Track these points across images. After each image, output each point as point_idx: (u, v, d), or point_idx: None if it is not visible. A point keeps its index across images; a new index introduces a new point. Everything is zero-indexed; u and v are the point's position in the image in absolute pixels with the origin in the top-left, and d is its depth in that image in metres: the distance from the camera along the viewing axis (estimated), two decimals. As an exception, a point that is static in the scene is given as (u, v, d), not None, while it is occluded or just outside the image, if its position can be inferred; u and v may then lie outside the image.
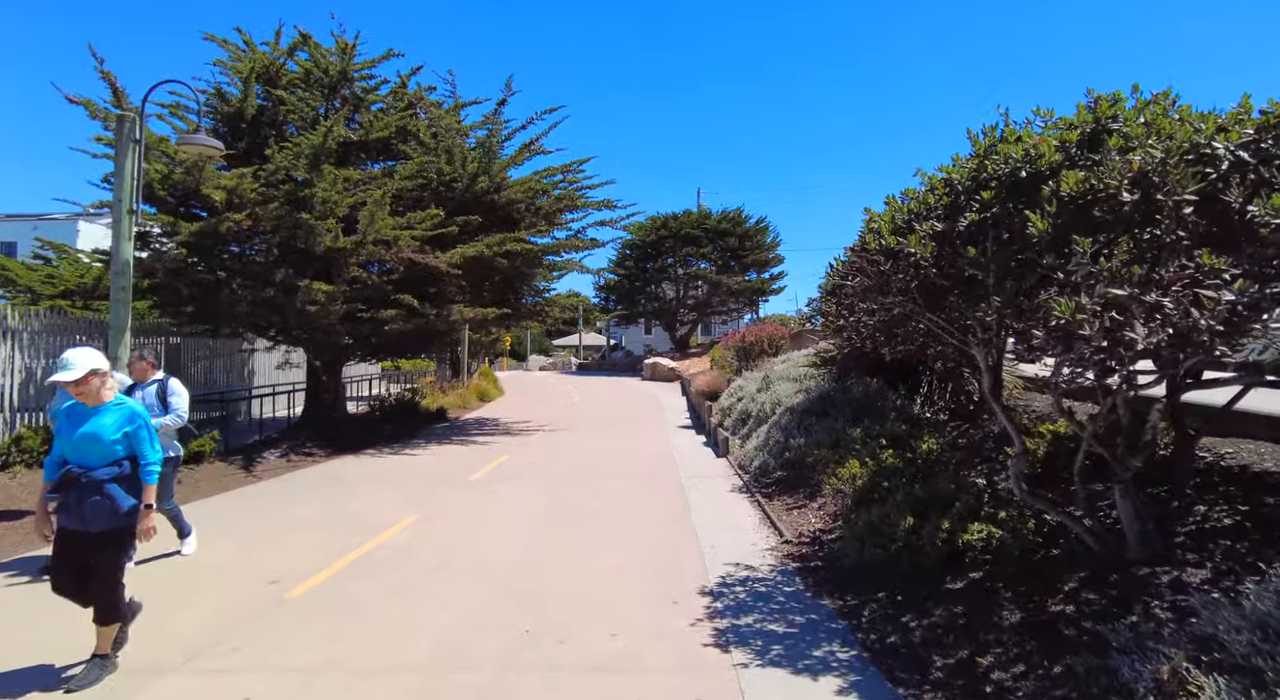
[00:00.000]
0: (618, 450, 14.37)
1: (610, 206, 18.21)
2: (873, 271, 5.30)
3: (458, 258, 14.94)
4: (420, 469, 12.30)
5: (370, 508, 9.03)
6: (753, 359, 18.53)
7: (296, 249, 14.32)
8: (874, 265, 5.29)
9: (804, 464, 9.66)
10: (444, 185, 16.60)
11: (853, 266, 5.94)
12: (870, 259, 5.31)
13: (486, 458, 13.45)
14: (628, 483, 10.65)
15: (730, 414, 14.73)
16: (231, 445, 14.29)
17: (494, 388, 29.13)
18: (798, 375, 13.47)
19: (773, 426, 11.59)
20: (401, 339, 17.84)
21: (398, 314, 14.77)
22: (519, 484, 10.65)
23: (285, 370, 24.66)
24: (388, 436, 17.24)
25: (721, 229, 43.37)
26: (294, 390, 23.79)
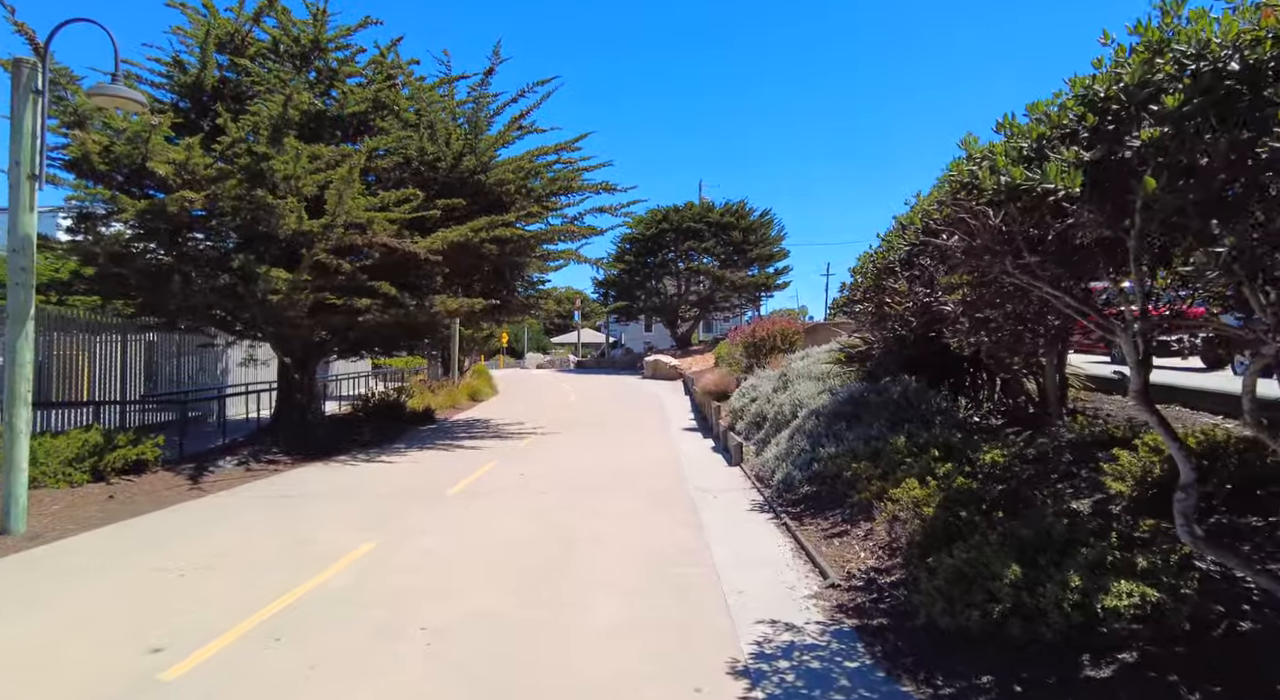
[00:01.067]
0: (618, 457, 12.88)
1: (609, 190, 16.70)
2: (981, 225, 3.79)
3: (439, 244, 13.44)
4: (393, 480, 10.81)
5: (322, 531, 7.54)
6: (764, 356, 17.06)
7: (259, 233, 12.84)
8: (978, 217, 3.78)
9: (838, 478, 8.18)
10: (426, 165, 15.10)
11: (947, 221, 4.41)
12: (972, 209, 3.80)
13: (471, 466, 11.96)
14: (629, 499, 9.17)
15: (742, 416, 13.24)
16: (188, 451, 12.82)
17: (487, 386, 27.65)
18: (820, 373, 11.98)
19: (795, 432, 10.10)
20: (381, 333, 16.34)
21: (373, 304, 13.28)
22: (503, 501, 9.16)
23: (269, 367, 23.17)
24: (366, 441, 15.76)
25: (724, 222, 41.86)
26: (272, 389, 22.34)
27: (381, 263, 13.95)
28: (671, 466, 11.76)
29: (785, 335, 16.86)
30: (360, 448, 14.66)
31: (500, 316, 17.85)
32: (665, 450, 13.67)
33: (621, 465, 11.94)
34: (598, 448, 14.19)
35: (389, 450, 14.31)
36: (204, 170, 11.53)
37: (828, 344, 13.40)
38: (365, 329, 14.63)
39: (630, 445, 14.48)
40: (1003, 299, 4.71)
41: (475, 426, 18.61)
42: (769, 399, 12.59)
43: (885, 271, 8.05)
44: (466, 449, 14.28)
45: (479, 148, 15.06)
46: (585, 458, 12.88)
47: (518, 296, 17.74)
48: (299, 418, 15.84)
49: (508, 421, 19.33)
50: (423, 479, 10.85)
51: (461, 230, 13.42)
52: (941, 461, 7.04)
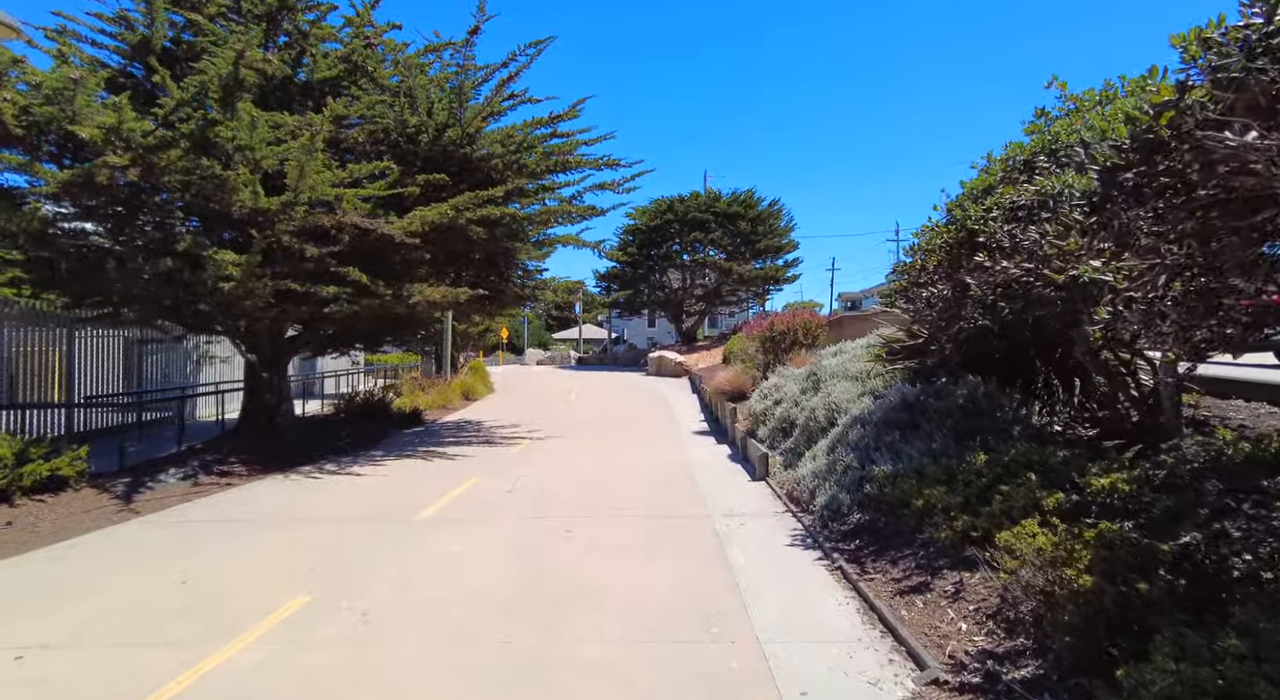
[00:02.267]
0: (621, 468, 11.22)
1: (612, 165, 15.01)
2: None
3: (417, 225, 11.77)
4: (359, 498, 9.17)
5: (247, 578, 5.90)
6: (783, 351, 15.38)
7: (211, 212, 11.18)
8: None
9: (903, 506, 6.52)
10: (406, 138, 13.43)
11: (1137, 147, 2.73)
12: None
13: (451, 480, 10.31)
14: (636, 527, 7.51)
15: (765, 421, 11.58)
16: (133, 461, 11.21)
17: (482, 385, 26.01)
18: (858, 372, 10.31)
19: (837, 443, 8.44)
20: (360, 327, 14.70)
21: (342, 294, 11.62)
22: (481, 530, 7.50)
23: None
24: (341, 446, 14.14)
25: (732, 212, 40.06)
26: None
27: (354, 247, 12.27)
28: (684, 480, 10.11)
29: (807, 328, 15.19)
30: (333, 455, 13.04)
31: (492, 309, 16.19)
32: (676, 459, 12.00)
33: (626, 478, 10.28)
34: (599, 455, 12.54)
35: (364, 458, 12.67)
36: (141, 137, 9.86)
37: (863, 338, 11.75)
38: (337, 322, 12.97)
39: (636, 452, 12.82)
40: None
41: (465, 429, 16.97)
42: (797, 402, 10.92)
43: (964, 245, 6.37)
44: (450, 457, 12.63)
45: (464, 117, 13.37)
46: (584, 468, 11.22)
47: (512, 287, 16.05)
48: (267, 421, 14.22)
49: (501, 423, 17.68)
50: (392, 497, 9.21)
51: (442, 209, 11.75)
52: (1050, 492, 5.37)
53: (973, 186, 7.31)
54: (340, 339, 16.24)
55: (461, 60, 13.29)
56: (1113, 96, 6.45)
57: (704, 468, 11.11)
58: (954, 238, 6.56)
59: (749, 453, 11.41)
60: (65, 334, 13.68)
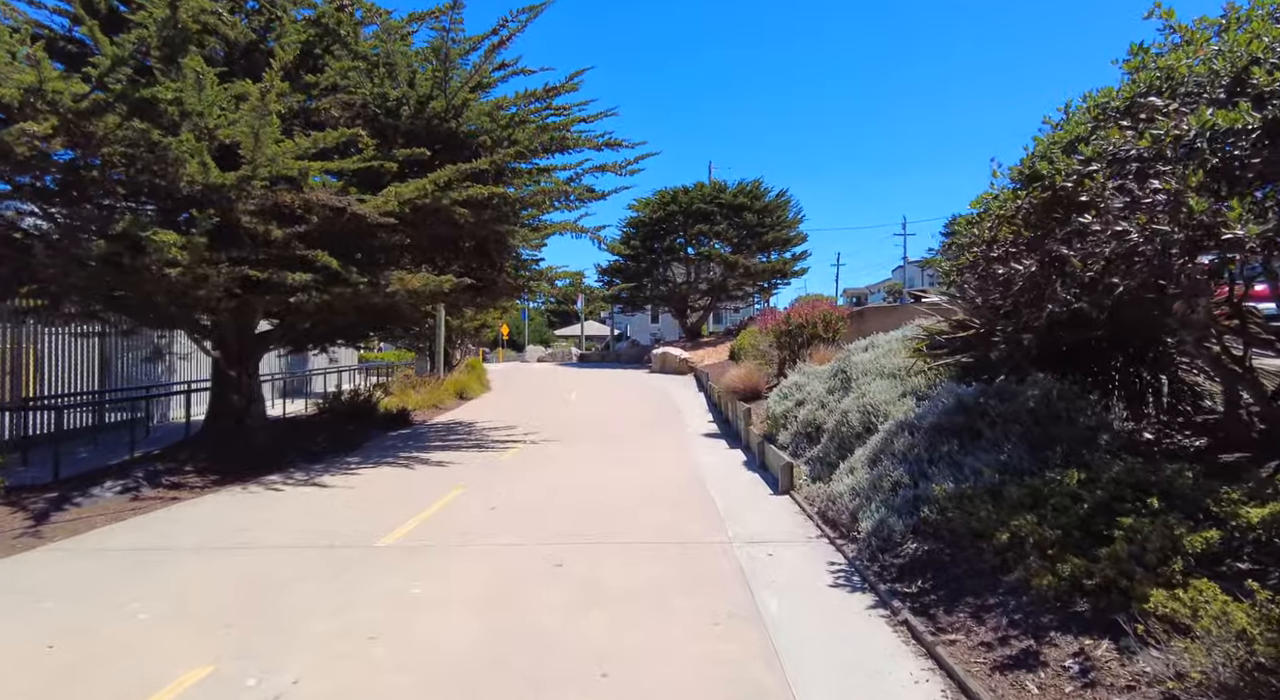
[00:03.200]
0: (624, 478, 9.90)
1: (613, 146, 13.69)
2: None
3: (393, 203, 10.45)
4: (317, 517, 7.87)
5: (133, 640, 4.59)
6: (800, 346, 14.04)
7: (158, 188, 9.89)
8: None
9: (975, 534, 5.20)
10: (384, 111, 12.10)
11: None
12: None
13: (429, 493, 9.01)
14: (641, 560, 6.19)
15: (785, 424, 10.25)
16: (72, 471, 9.96)
17: (477, 383, 24.71)
18: (895, 369, 8.98)
19: (879, 454, 7.10)
20: (336, 321, 13.40)
21: (310, 280, 10.30)
22: (453, 563, 6.19)
23: None
24: (317, 451, 12.85)
25: (738, 203, 38.61)
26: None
27: (324, 230, 10.96)
28: (697, 494, 8.79)
29: (828, 322, 13.84)
30: (306, 461, 11.75)
31: (484, 301, 14.87)
32: (685, 467, 10.69)
33: (629, 491, 8.97)
34: (599, 462, 11.22)
35: (337, 465, 11.38)
36: (71, 101, 8.56)
37: (894, 330, 10.40)
38: (308, 314, 11.68)
39: (640, 458, 11.51)
40: None
41: (455, 431, 15.66)
42: (823, 404, 9.59)
43: (1057, 206, 5.02)
44: (434, 465, 11.32)
45: (449, 88, 12.03)
46: (581, 478, 9.91)
47: (505, 277, 14.69)
48: (235, 424, 12.94)
49: (494, 425, 16.38)
50: (356, 515, 7.90)
51: (419, 184, 10.43)
52: (1196, 530, 4.04)
53: (1051, 141, 5.95)
54: (318, 334, 14.96)
55: (448, 24, 11.93)
56: (1242, 18, 5.10)
57: (717, 477, 9.79)
58: (1039, 199, 5.21)
59: (768, 460, 10.09)
60: (30, 330, 12.49)
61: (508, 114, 12.68)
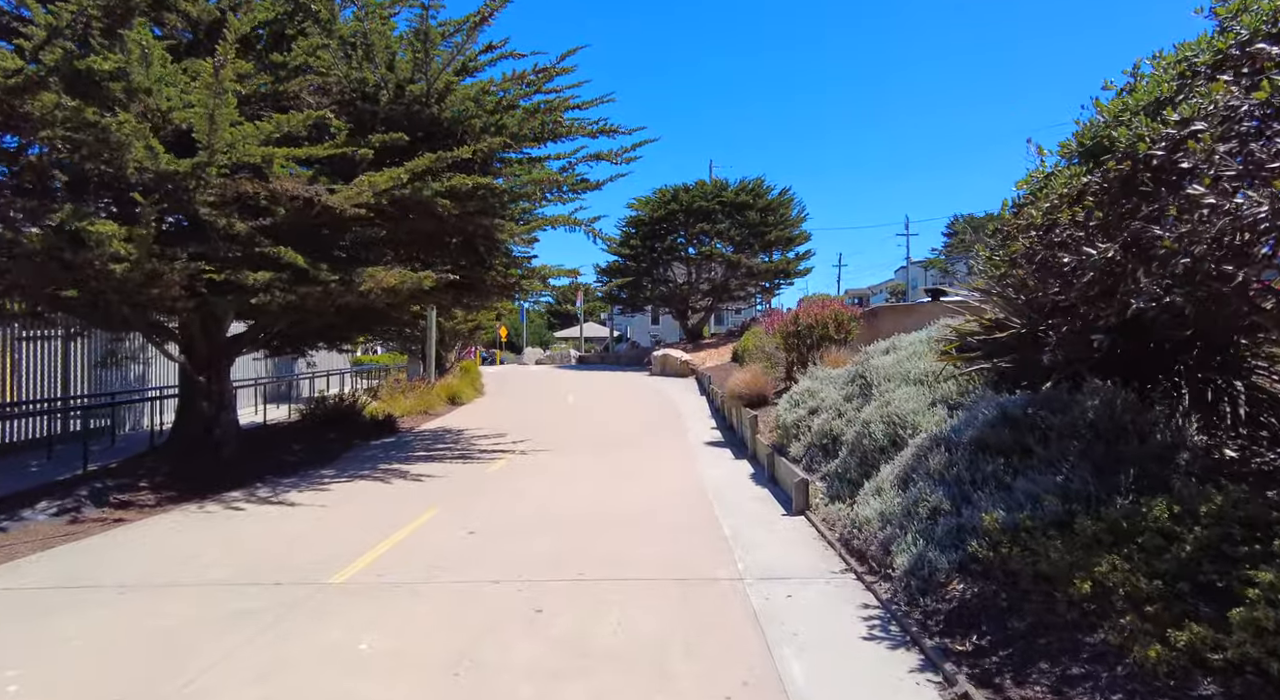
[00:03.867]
0: (621, 494, 8.98)
1: (609, 132, 12.78)
2: None
3: (367, 194, 9.53)
4: (270, 543, 6.95)
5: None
6: (810, 349, 13.11)
7: (105, 178, 8.98)
8: None
9: (1041, 576, 4.28)
10: (361, 96, 11.20)
11: None
12: None
13: (402, 513, 8.08)
14: (639, 603, 5.25)
15: (797, 434, 9.32)
16: (1, 492, 9.03)
17: (471, 387, 23.79)
18: (921, 374, 8.05)
19: (912, 472, 6.17)
20: (312, 323, 12.49)
21: (274, 278, 9.40)
22: (414, 606, 5.25)
23: None
24: (291, 462, 11.97)
25: (740, 201, 37.67)
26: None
27: (292, 223, 10.07)
28: (701, 514, 7.86)
29: (839, 322, 12.92)
30: (276, 475, 10.85)
31: (472, 300, 13.95)
32: (688, 481, 9.76)
33: (625, 511, 8.04)
34: (593, 475, 10.30)
35: (310, 479, 10.47)
36: (1, 77, 7.66)
37: (920, 331, 9.47)
38: (275, 315, 10.77)
39: (639, 470, 10.58)
40: None
41: (442, 440, 14.74)
42: (840, 412, 8.66)
43: (1140, 179, 4.10)
44: (413, 479, 10.40)
45: (430, 70, 11.12)
46: (573, 496, 8.99)
47: (494, 275, 13.75)
48: (203, 434, 12.03)
49: (484, 433, 15.46)
50: (316, 541, 6.98)
51: (394, 173, 9.50)
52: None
53: (1122, 107, 5.03)
54: (296, 336, 14.04)
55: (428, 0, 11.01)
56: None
57: (723, 494, 8.86)
58: (1118, 172, 4.28)
59: (778, 474, 9.16)
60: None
61: (494, 98, 11.77)
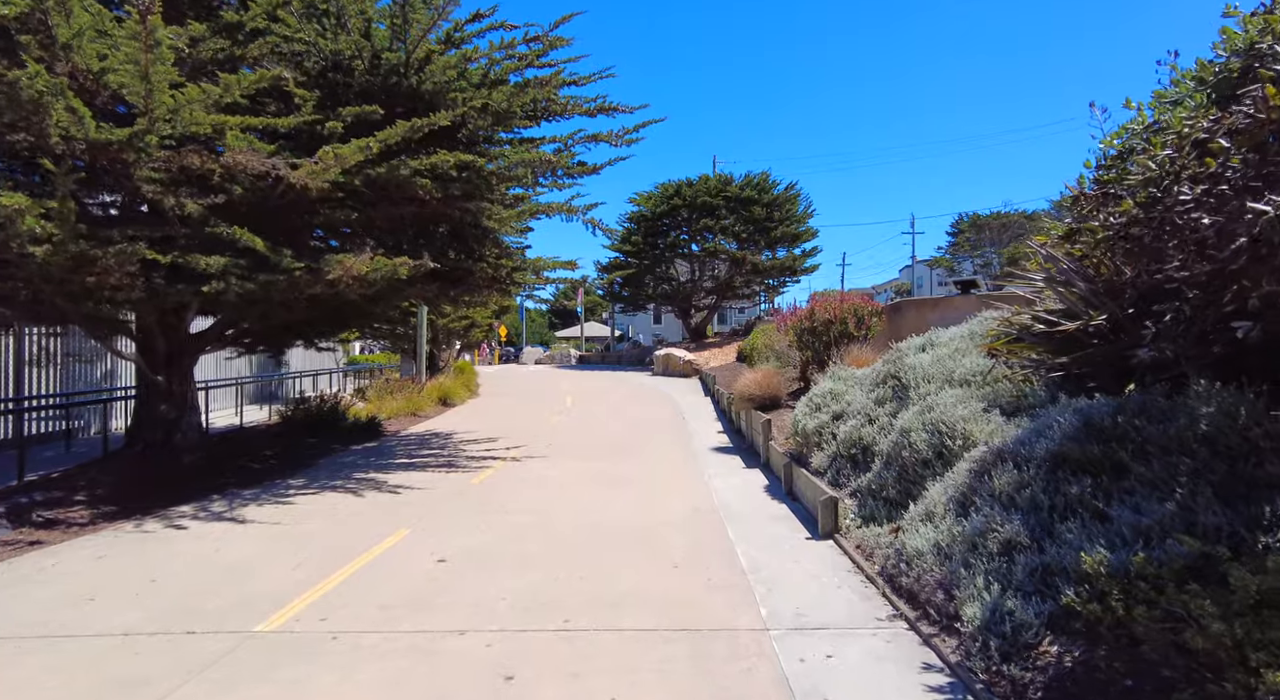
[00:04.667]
0: (618, 513, 7.88)
1: (608, 111, 11.67)
2: None
3: (334, 170, 8.43)
4: (205, 574, 5.85)
5: None
6: (827, 346, 12.00)
7: (26, 147, 7.88)
8: None
9: (1175, 647, 3.16)
10: (333, 66, 10.10)
11: None
12: None
13: (368, 535, 6.99)
14: (638, 668, 4.15)
15: (821, 443, 8.20)
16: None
17: (464, 388, 22.69)
18: (967, 375, 6.93)
19: (972, 494, 5.05)
20: (280, 316, 11.39)
21: (230, 265, 8.31)
22: (350, 672, 4.14)
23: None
24: (259, 471, 10.91)
25: (745, 197, 36.51)
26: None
27: (252, 204, 9.00)
28: (712, 538, 6.75)
29: (859, 317, 11.80)
30: (238, 486, 9.77)
31: (460, 293, 12.85)
32: (695, 494, 8.65)
33: (623, 534, 6.94)
34: (588, 487, 9.19)
35: (273, 491, 9.38)
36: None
37: (959, 326, 8.34)
38: (234, 306, 9.69)
39: (640, 481, 9.48)
40: None
41: (428, 445, 13.65)
42: (871, 417, 7.54)
43: None
44: (388, 491, 9.30)
45: (409, 38, 10.02)
46: (564, 513, 7.88)
47: (484, 267, 12.64)
48: (163, 440, 10.97)
49: (474, 437, 14.36)
50: (256, 572, 5.88)
51: (362, 143, 8.39)
52: None
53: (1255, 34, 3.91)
54: (269, 333, 12.95)
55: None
56: None
57: (737, 510, 7.75)
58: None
59: (798, 487, 8.06)
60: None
61: (481, 69, 10.67)
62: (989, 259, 59.69)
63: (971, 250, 64.39)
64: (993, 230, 62.19)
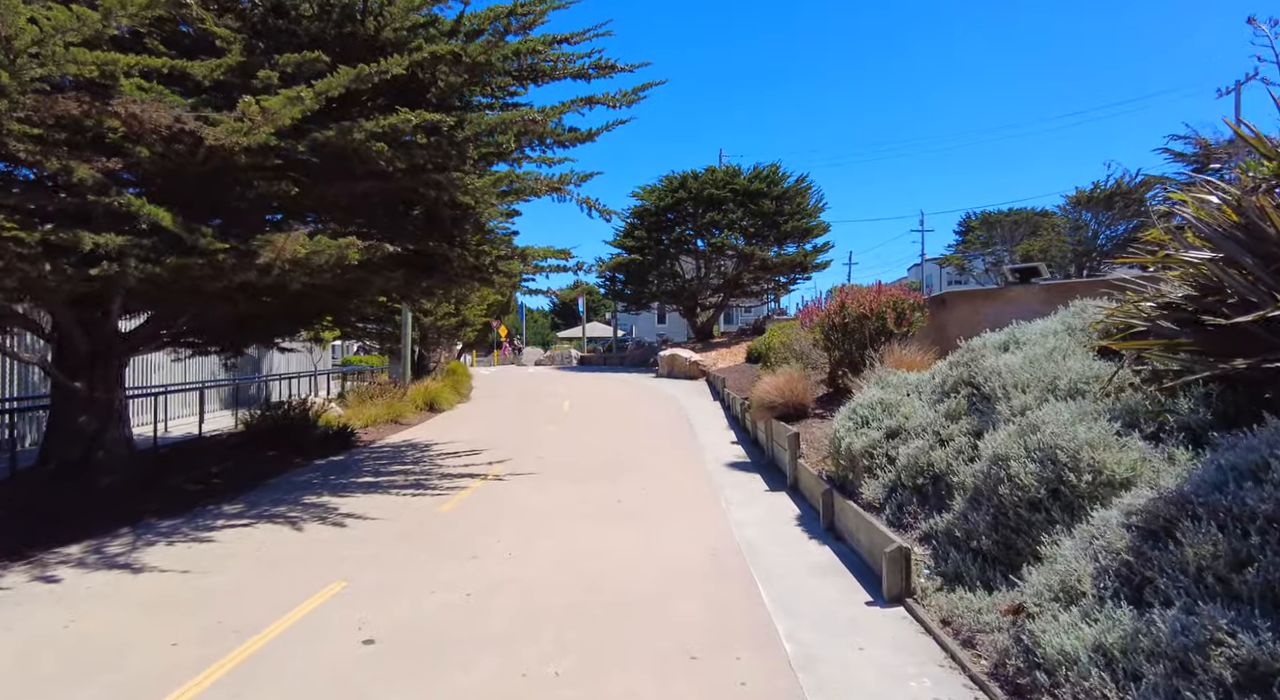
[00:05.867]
0: (615, 561, 6.18)
1: (605, 71, 9.99)
2: None
3: (263, 130, 6.73)
4: (27, 669, 4.17)
5: None
6: (863, 346, 10.26)
7: None
8: None
9: None
10: (275, 11, 8.41)
11: None
12: None
13: (283, 594, 5.30)
14: None
15: (872, 467, 6.47)
16: None
17: (453, 391, 21.00)
18: (1077, 382, 5.20)
19: (1143, 563, 3.33)
20: (214, 310, 9.74)
21: (130, 244, 6.64)
22: None
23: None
24: (193, 493, 9.25)
25: (753, 189, 34.74)
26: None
27: (168, 174, 7.35)
28: (743, 606, 5.05)
29: (899, 311, 10.08)
30: (161, 513, 8.13)
31: (433, 283, 11.11)
32: (713, 530, 6.95)
33: (622, 594, 5.24)
34: (580, 520, 7.48)
35: (199, 521, 7.72)
36: None
37: (1048, 318, 6.60)
38: (144, 295, 8.02)
39: (643, 512, 7.77)
40: None
41: (401, 458, 11.96)
42: (941, 436, 5.82)
43: None
44: (335, 522, 7.61)
45: (367, -26, 8.33)
46: (547, 562, 6.18)
47: (466, 254, 10.91)
48: (81, 457, 9.32)
49: (455, 449, 12.67)
50: (101, 660, 4.20)
51: (293, 93, 6.68)
52: None
53: None
54: (215, 331, 11.29)
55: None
56: None
57: (769, 557, 6.05)
58: None
59: (843, 524, 6.35)
60: None
61: (451, 20, 8.98)
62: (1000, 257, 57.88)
63: (983, 248, 62.56)
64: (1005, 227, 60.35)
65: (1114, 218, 35.89)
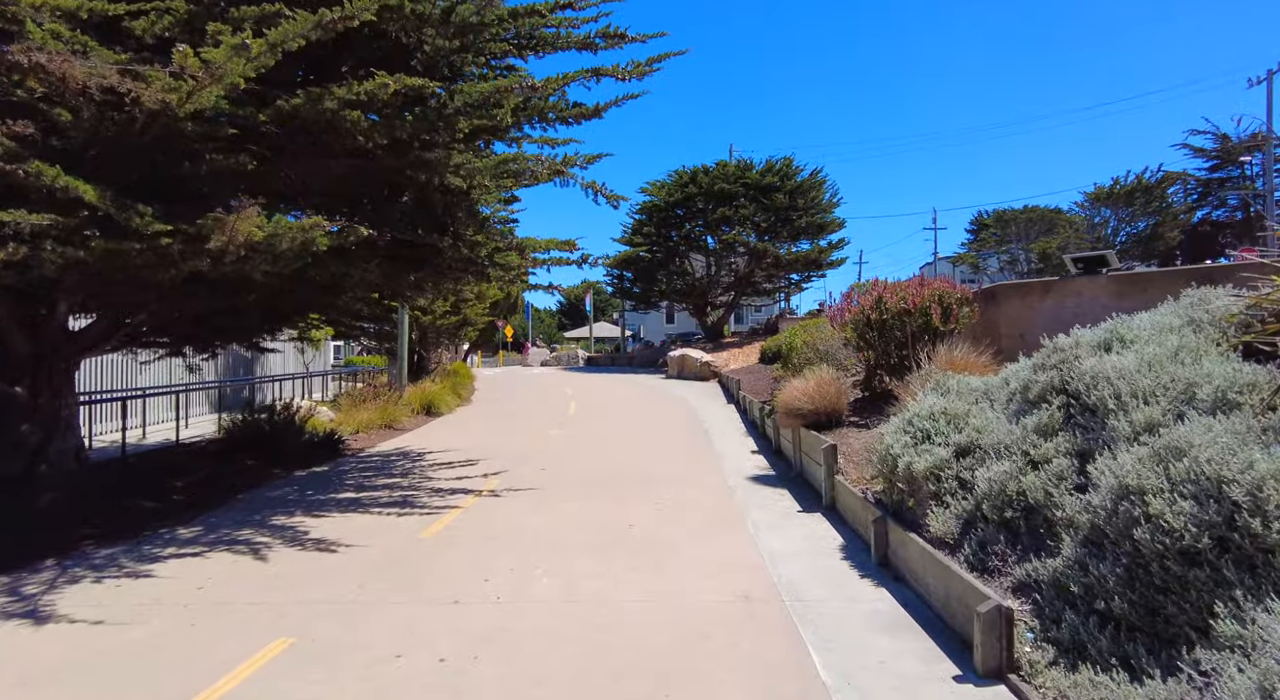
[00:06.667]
0: (629, 612, 5.05)
1: (614, 40, 8.88)
2: None
3: (213, 94, 5.65)
4: None
5: None
6: (904, 346, 9.10)
7: None
8: None
9: None
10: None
11: None
12: None
13: (202, 667, 4.20)
14: None
15: (941, 494, 5.31)
16: None
17: (452, 394, 19.93)
18: (1224, 389, 4.04)
19: None
20: (170, 306, 8.68)
21: (53, 224, 5.57)
22: None
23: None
24: (145, 512, 8.25)
25: (766, 184, 33.51)
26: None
27: (103, 143, 6.27)
28: (791, 681, 3.93)
29: (945, 306, 8.91)
30: (100, 538, 7.10)
31: (423, 277, 10.00)
32: (742, 569, 5.82)
33: (633, 676, 4.11)
34: (584, 550, 6.36)
35: (143, 549, 6.65)
36: None
37: (1156, 309, 5.45)
38: (75, 287, 6.95)
39: (657, 542, 6.64)
40: None
41: (389, 469, 10.86)
42: (1033, 457, 4.66)
43: None
44: (302, 548, 6.52)
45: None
46: (537, 615, 5.06)
47: (460, 245, 9.78)
48: (22, 471, 8.28)
49: (449, 458, 11.57)
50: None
51: (234, 42, 5.57)
52: None
53: None
54: (174, 329, 10.22)
55: None
56: None
57: (816, 601, 4.92)
58: None
59: (903, 560, 5.20)
60: None
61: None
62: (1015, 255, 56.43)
63: (997, 246, 61.07)
64: (1019, 225, 58.82)
65: (1134, 214, 34.78)
